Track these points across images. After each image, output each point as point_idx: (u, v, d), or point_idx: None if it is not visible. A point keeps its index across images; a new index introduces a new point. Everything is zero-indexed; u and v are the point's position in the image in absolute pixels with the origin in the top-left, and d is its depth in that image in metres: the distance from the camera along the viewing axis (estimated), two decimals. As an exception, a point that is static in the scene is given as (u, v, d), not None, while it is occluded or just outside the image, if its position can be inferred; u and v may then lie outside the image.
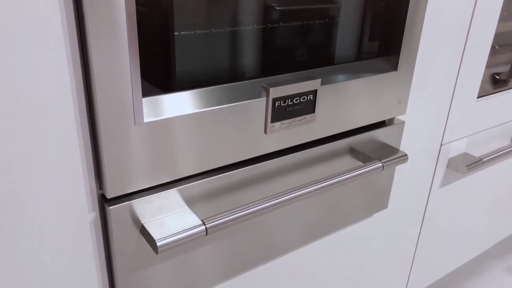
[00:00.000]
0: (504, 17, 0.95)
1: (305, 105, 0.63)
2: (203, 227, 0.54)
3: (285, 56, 0.63)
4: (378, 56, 0.73)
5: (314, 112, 0.64)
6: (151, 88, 0.52)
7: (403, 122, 0.81)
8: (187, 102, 0.54)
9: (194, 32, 0.54)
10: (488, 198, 1.20)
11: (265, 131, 0.61)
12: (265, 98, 0.59)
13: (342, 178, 0.68)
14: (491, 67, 0.99)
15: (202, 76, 0.56)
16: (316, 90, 0.63)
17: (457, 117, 0.94)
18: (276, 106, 0.60)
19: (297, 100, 0.61)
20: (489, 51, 0.92)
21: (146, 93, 0.51)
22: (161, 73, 0.53)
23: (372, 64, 0.72)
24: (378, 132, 0.77)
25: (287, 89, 0.60)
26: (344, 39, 0.69)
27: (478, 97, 0.96)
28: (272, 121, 0.60)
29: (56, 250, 0.51)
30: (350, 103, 0.69)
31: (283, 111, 0.61)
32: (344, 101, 0.68)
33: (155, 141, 0.52)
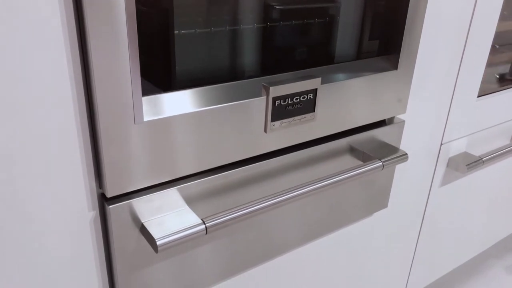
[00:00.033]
0: (505, 16, 0.95)
1: (305, 104, 0.62)
2: (203, 226, 0.54)
3: (285, 55, 0.63)
4: (378, 55, 0.73)
5: (314, 111, 0.64)
6: (151, 87, 0.52)
7: (403, 121, 0.81)
8: (187, 101, 0.54)
9: (194, 31, 0.54)
10: (488, 198, 1.20)
11: (265, 130, 0.61)
12: (265, 97, 0.59)
13: (342, 177, 0.68)
14: (492, 66, 0.98)
15: (202, 75, 0.56)
16: (316, 89, 0.63)
17: (457, 116, 0.94)
18: (276, 105, 0.60)
19: (297, 99, 0.61)
20: (489, 50, 0.92)
21: (146, 92, 0.51)
22: (161, 72, 0.53)
23: (372, 63, 0.72)
24: (378, 131, 0.77)
25: (287, 88, 0.60)
26: (344, 38, 0.69)
27: (478, 96, 0.96)
28: (272, 120, 0.60)
29: (56, 249, 0.51)
30: (350, 102, 0.69)
31: (283, 110, 0.61)
32: (344, 100, 0.68)
33: (155, 140, 0.52)
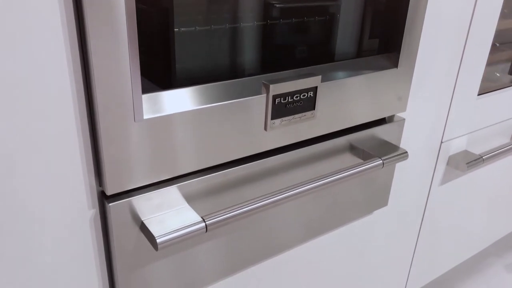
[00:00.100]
0: (505, 14, 0.94)
1: (305, 102, 0.62)
2: (203, 224, 0.54)
3: (285, 53, 0.63)
4: (379, 53, 0.73)
5: (314, 109, 0.64)
6: (151, 85, 0.52)
7: (403, 120, 0.81)
8: (187, 99, 0.54)
9: (194, 29, 0.54)
10: (488, 196, 1.20)
11: (265, 128, 0.61)
12: (265, 95, 0.59)
13: (342, 175, 0.68)
14: (492, 65, 0.98)
15: (202, 73, 0.56)
16: (316, 87, 0.63)
17: (458, 115, 0.94)
18: (276, 103, 0.59)
19: (297, 97, 0.61)
20: (490, 49, 0.92)
21: (146, 90, 0.51)
22: (161, 70, 0.53)
23: (372, 61, 0.72)
24: (378, 129, 0.77)
25: (287, 86, 0.59)
26: (345, 36, 0.69)
27: (479, 95, 0.96)
28: (272, 118, 0.60)
29: (56, 247, 0.51)
30: (351, 100, 0.69)
31: (283, 108, 0.61)
32: (345, 98, 0.68)
33: (155, 138, 0.51)
